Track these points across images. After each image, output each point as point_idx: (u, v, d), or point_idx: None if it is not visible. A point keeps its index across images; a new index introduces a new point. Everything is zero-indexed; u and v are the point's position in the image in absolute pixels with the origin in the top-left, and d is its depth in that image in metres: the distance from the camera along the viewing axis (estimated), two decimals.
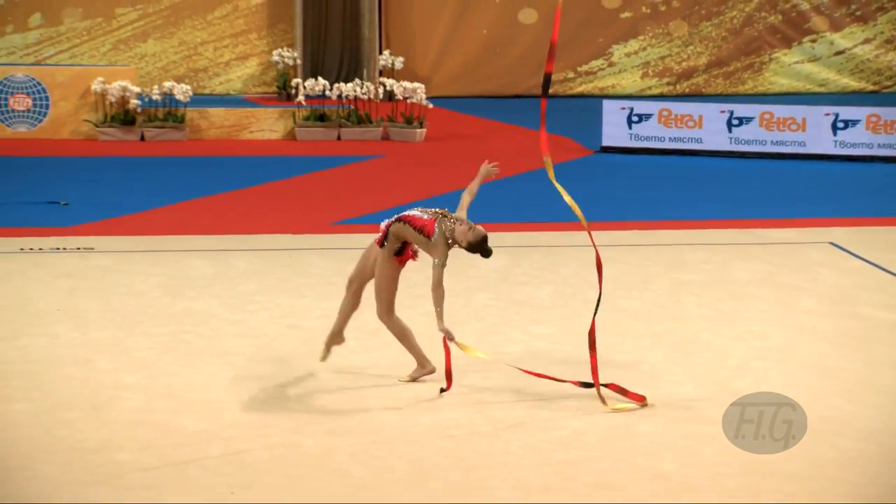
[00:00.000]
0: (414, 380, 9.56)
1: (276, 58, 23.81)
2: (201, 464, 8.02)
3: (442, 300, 9.17)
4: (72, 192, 16.32)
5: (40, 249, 13.25)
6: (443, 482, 7.87)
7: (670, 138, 20.09)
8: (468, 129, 22.35)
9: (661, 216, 15.68)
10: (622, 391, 9.06)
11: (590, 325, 9.19)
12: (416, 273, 12.70)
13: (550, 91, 25.44)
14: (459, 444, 8.43)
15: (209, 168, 18.71)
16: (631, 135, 20.18)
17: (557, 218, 14.66)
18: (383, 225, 9.46)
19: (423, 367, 9.59)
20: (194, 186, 17.01)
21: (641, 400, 9.01)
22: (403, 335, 9.59)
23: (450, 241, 9.32)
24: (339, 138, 20.93)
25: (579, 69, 26.24)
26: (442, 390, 9.26)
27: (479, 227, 9.27)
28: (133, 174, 18.10)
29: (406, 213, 9.46)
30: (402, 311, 11.37)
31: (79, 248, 13.31)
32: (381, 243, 9.48)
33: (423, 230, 9.30)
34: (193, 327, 10.81)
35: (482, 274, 12.63)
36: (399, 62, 23.48)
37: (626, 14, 26.29)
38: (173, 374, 9.66)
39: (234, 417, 8.81)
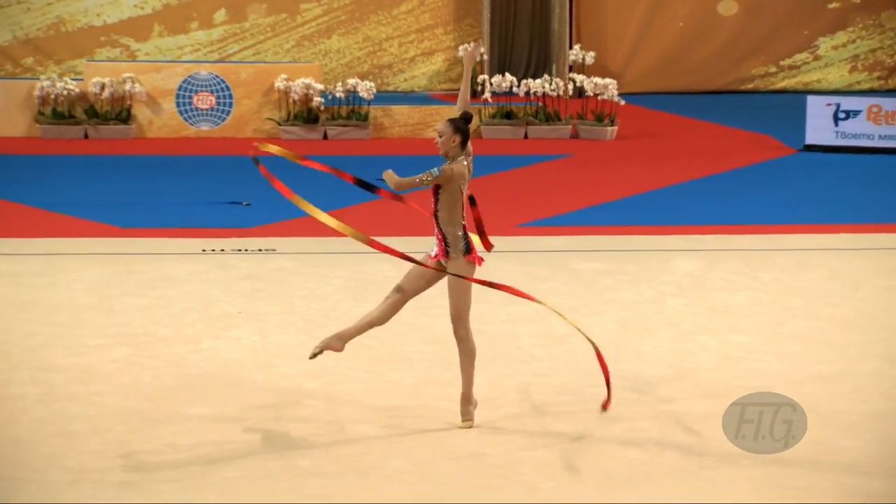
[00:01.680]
0: None
1: (461, 53, 23.57)
2: (384, 473, 7.85)
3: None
4: (254, 192, 16.29)
5: (222, 251, 13.21)
6: (634, 492, 7.59)
7: (880, 136, 19.44)
8: (662, 126, 21.91)
9: (869, 219, 15.09)
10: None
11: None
12: (603, 277, 12.34)
13: (750, 86, 24.85)
14: (648, 457, 8.12)
15: (392, 167, 18.50)
16: (837, 132, 19.54)
17: (756, 220, 14.25)
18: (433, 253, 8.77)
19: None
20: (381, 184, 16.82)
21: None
22: (468, 357, 8.68)
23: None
24: (526, 136, 20.62)
25: (782, 63, 25.50)
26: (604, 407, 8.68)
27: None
28: (315, 173, 17.98)
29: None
30: (590, 316, 11.05)
31: (260, 250, 13.24)
32: (444, 253, 8.76)
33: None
34: (375, 332, 10.55)
35: (676, 279, 12.30)
36: (590, 57, 23.07)
37: (834, 4, 25.45)
38: (355, 379, 9.52)
39: (416, 425, 8.62)
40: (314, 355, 8.58)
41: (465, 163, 8.68)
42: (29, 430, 8.39)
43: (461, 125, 8.64)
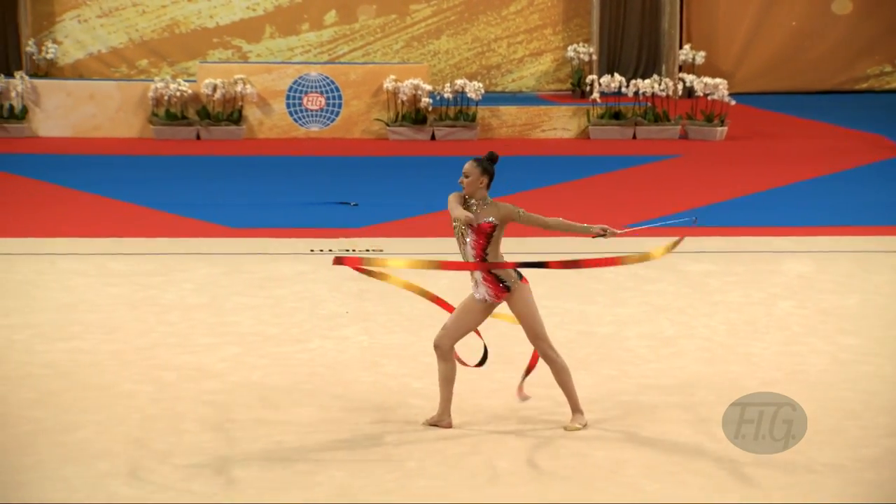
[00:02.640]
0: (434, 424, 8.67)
1: (570, 53, 23.47)
2: (489, 473, 7.83)
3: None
4: (361, 192, 16.36)
5: (330, 251, 13.28)
6: (739, 494, 7.52)
7: None
8: (773, 127, 21.65)
9: None
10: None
11: None
12: (712, 279, 12.24)
13: (864, 86, 24.40)
14: (753, 459, 8.02)
15: (499, 168, 18.46)
16: None
17: (868, 222, 14.03)
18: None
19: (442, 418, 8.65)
20: None
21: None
22: (561, 373, 8.60)
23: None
24: (634, 137, 20.49)
25: None
26: None
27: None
28: (423, 174, 18.06)
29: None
30: (698, 318, 10.98)
31: (368, 250, 13.29)
32: (505, 290, 8.55)
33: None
34: (482, 332, 10.58)
35: (786, 281, 12.16)
36: (700, 57, 22.87)
37: None
38: (461, 380, 9.45)
39: (521, 426, 8.59)
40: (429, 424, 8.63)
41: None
42: (141, 428, 8.50)
43: (488, 166, 8.61)
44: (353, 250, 13.28)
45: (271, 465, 7.91)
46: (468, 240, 8.51)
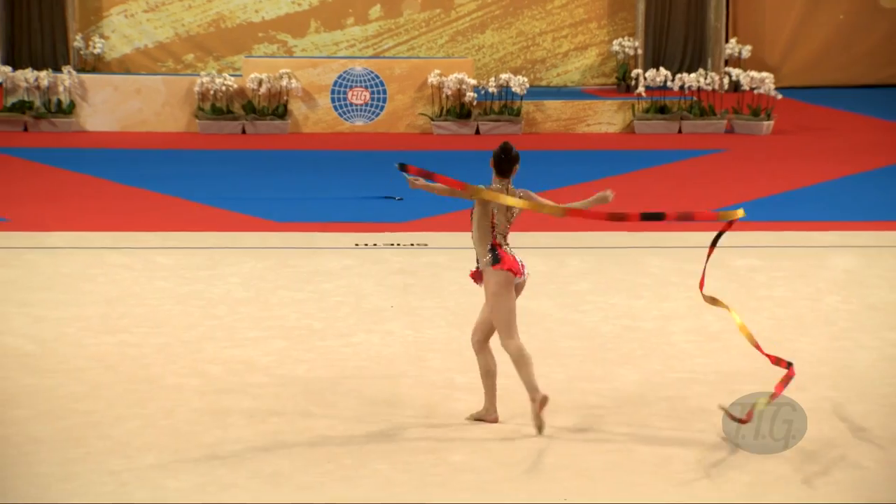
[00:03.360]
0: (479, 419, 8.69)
1: (615, 47, 23.41)
2: (535, 468, 7.85)
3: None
4: (406, 186, 16.33)
5: (374, 245, 13.29)
6: (785, 491, 7.49)
7: None
8: (820, 121, 21.53)
9: None
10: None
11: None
12: (758, 274, 12.19)
13: None
14: (799, 455, 7.99)
15: (544, 162, 18.48)
16: None
17: None
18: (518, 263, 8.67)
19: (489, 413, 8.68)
20: (528, 181, 16.66)
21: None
22: (484, 369, 8.63)
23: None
24: (679, 131, 20.41)
25: None
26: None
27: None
28: (467, 168, 18.02)
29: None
30: (744, 313, 10.93)
31: (412, 244, 13.29)
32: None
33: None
34: (526, 327, 10.55)
35: (832, 276, 12.10)
36: (746, 51, 22.75)
37: None
38: (506, 375, 9.44)
39: (566, 421, 8.57)
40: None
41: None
42: (187, 421, 8.55)
43: (495, 151, 8.89)
44: (398, 244, 13.29)
45: (316, 459, 7.94)
46: (513, 216, 8.65)
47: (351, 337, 10.41)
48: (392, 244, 13.30)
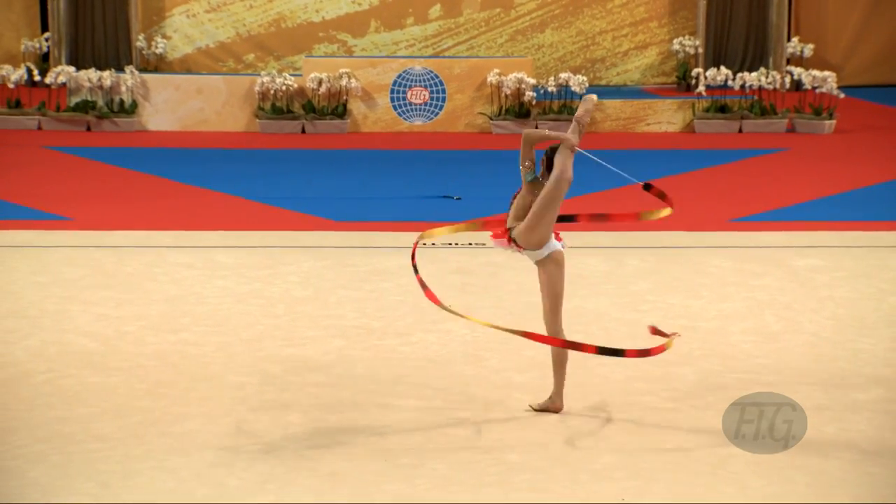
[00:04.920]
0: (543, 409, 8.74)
1: (676, 46, 23.31)
2: (592, 468, 7.84)
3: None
4: (465, 185, 16.38)
5: (433, 244, 13.30)
6: (847, 492, 7.45)
7: None
8: (883, 120, 21.35)
9: None
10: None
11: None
12: (819, 274, 12.11)
13: None
14: (863, 458, 7.96)
15: (604, 161, 18.43)
16: None
17: None
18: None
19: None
20: (587, 181, 16.73)
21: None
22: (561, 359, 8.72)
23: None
24: (740, 131, 20.31)
25: None
26: None
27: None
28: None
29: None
30: (804, 313, 10.86)
31: (471, 244, 13.30)
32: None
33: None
34: (584, 327, 10.59)
35: (895, 276, 11.96)
36: (808, 49, 22.61)
37: None
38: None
39: (625, 420, 8.58)
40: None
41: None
42: (247, 419, 8.59)
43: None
44: (456, 244, 13.29)
45: (373, 458, 7.96)
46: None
47: (409, 336, 10.44)
48: (450, 244, 13.31)
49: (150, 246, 13.28)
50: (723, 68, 20.49)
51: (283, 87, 20.27)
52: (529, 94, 20.25)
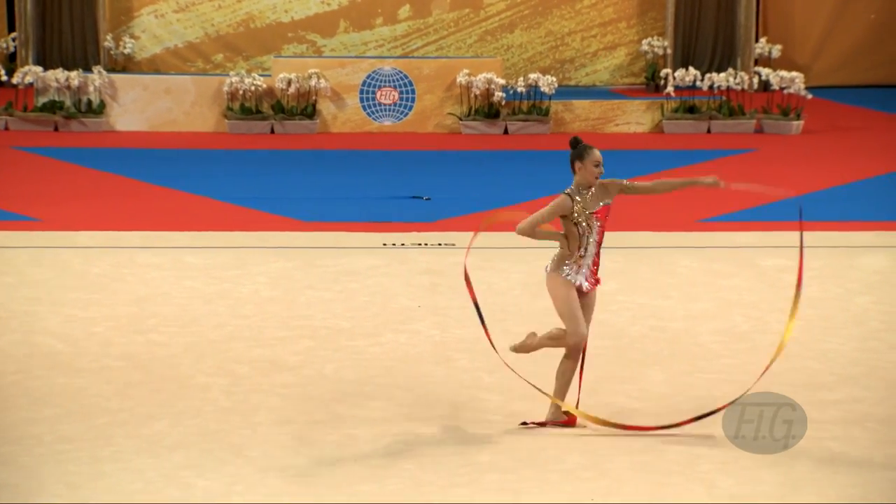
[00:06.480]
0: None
1: (645, 47, 23.36)
2: (561, 468, 7.83)
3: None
4: (434, 186, 16.37)
5: (402, 245, 13.30)
6: (816, 493, 7.45)
7: None
8: (851, 121, 21.43)
9: None
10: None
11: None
12: (787, 274, 12.12)
13: None
14: (831, 457, 7.98)
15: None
16: None
17: None
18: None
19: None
20: (556, 181, 16.73)
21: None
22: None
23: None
24: (709, 131, 20.37)
25: None
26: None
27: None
28: (495, 168, 18.04)
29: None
30: (772, 313, 10.86)
31: (440, 244, 13.30)
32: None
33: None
34: (553, 327, 10.57)
35: (863, 276, 12.05)
36: (776, 50, 22.69)
37: None
38: (534, 374, 9.44)
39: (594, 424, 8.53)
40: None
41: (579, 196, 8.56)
42: (215, 420, 8.57)
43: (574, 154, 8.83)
44: (425, 244, 13.30)
45: (343, 459, 7.95)
46: (594, 230, 8.44)
47: (378, 337, 10.42)
48: (420, 244, 13.30)
49: (119, 247, 13.23)
50: (691, 69, 20.55)
51: (252, 88, 20.23)
52: (499, 94, 20.25)
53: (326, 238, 13.71)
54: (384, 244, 13.35)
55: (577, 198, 8.54)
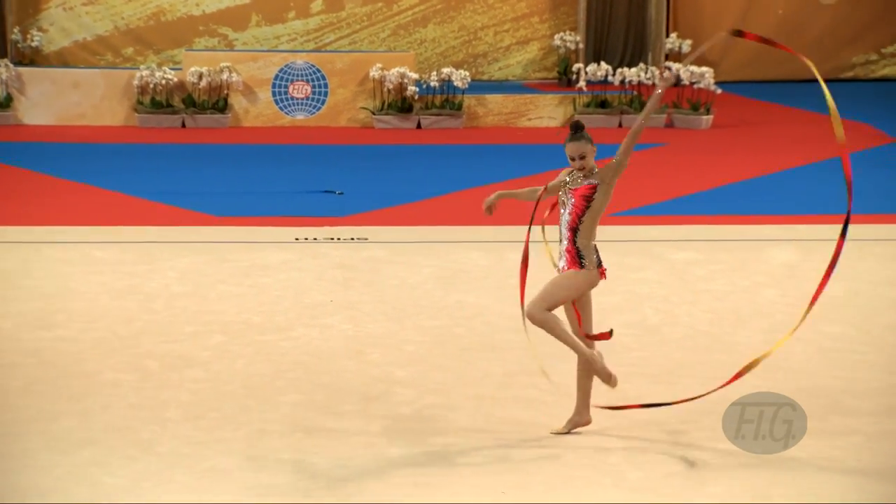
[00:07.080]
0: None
1: (557, 42, 23.45)
2: (471, 462, 7.86)
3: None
4: (347, 180, 16.34)
5: (315, 239, 13.26)
6: (722, 486, 7.50)
7: None
8: (759, 115, 21.65)
9: None
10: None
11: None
12: (696, 267, 12.21)
13: (850, 74, 24.39)
14: (741, 450, 8.01)
15: (485, 157, 18.50)
16: None
17: (854, 210, 14.00)
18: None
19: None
20: (469, 176, 16.82)
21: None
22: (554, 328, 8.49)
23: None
24: (620, 125, 20.49)
25: (883, 51, 25.07)
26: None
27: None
28: (408, 163, 18.03)
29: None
30: (682, 306, 10.94)
31: (352, 239, 13.27)
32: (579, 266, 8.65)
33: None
34: (466, 321, 10.62)
35: (769, 269, 12.16)
36: (686, 45, 22.87)
37: None
38: (445, 368, 9.51)
39: (505, 414, 8.60)
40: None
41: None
42: (124, 416, 8.49)
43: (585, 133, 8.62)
44: (338, 239, 13.27)
45: (254, 454, 7.90)
46: (568, 206, 8.46)
47: (290, 331, 10.38)
48: (332, 238, 13.27)
49: (25, 241, 13.08)
50: (603, 64, 20.67)
51: (163, 82, 20.08)
52: (412, 88, 20.25)
53: (238, 233, 13.64)
54: (296, 239, 13.30)
55: (568, 178, 8.75)
